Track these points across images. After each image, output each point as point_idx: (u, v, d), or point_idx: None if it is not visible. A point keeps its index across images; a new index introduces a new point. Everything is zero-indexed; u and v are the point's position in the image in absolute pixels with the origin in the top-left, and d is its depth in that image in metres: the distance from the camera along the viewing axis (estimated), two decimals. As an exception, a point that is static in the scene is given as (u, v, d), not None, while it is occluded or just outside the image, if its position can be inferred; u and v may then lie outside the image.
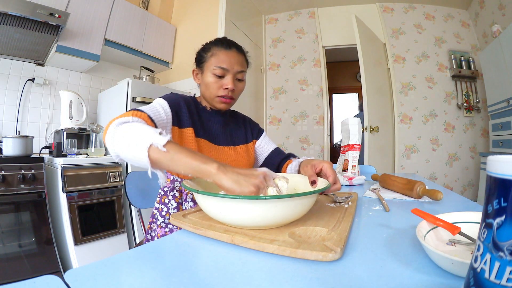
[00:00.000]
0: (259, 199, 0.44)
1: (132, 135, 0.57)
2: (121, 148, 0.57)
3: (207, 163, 0.52)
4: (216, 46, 0.87)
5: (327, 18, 3.25)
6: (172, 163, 0.54)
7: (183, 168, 0.54)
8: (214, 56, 0.86)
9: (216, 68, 0.84)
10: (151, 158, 0.54)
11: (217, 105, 0.88)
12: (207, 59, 0.87)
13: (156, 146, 0.54)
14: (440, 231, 0.43)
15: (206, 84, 0.87)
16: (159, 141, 0.54)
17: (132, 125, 0.59)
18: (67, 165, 1.62)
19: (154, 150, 0.54)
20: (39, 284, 0.31)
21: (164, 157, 0.54)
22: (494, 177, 0.19)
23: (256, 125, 1.09)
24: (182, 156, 0.54)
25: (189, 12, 2.79)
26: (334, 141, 4.77)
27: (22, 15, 1.55)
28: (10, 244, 1.42)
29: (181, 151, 0.55)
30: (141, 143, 0.54)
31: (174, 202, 0.85)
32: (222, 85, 0.85)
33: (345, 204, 0.66)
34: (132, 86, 1.98)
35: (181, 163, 0.54)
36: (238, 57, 0.87)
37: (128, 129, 0.58)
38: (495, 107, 2.40)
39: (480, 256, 0.20)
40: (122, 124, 0.60)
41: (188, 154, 0.54)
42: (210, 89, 0.86)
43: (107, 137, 0.60)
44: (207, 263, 0.39)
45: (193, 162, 0.53)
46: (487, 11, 2.70)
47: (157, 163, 0.55)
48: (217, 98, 0.87)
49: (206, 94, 0.89)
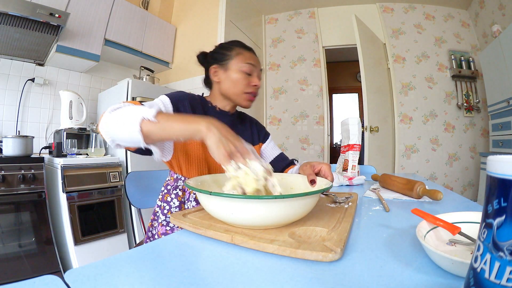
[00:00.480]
0: (262, 199, 0.44)
1: (123, 115, 0.59)
2: (115, 130, 0.59)
3: (196, 122, 0.54)
4: (237, 46, 0.89)
5: (327, 18, 3.25)
6: (164, 131, 0.56)
7: (174, 133, 0.56)
8: (240, 54, 0.87)
9: (245, 65, 0.86)
10: (144, 132, 0.56)
11: (243, 102, 0.89)
12: (232, 57, 0.87)
13: (147, 119, 0.55)
14: (440, 231, 0.43)
15: (234, 80, 0.86)
16: (149, 113, 0.55)
17: (124, 108, 0.61)
18: (67, 165, 1.62)
19: (146, 124, 0.56)
20: (39, 284, 0.30)
21: (155, 127, 0.55)
22: (494, 177, 0.19)
23: (262, 128, 1.09)
24: (172, 122, 0.56)
25: (189, 12, 2.79)
26: (334, 141, 4.77)
27: (22, 15, 1.55)
28: (10, 244, 1.42)
29: (171, 117, 0.57)
30: (132, 120, 0.56)
31: (177, 200, 0.85)
32: (250, 82, 0.87)
33: (345, 204, 0.66)
34: (132, 86, 1.98)
35: (172, 128, 0.55)
36: (256, 58, 0.91)
37: (120, 112, 0.60)
38: (495, 107, 2.40)
39: (480, 256, 0.20)
40: (114, 110, 0.62)
41: (177, 118, 0.56)
42: (238, 86, 0.86)
43: (101, 124, 0.62)
44: (207, 263, 0.39)
45: (182, 125, 0.55)
46: (487, 11, 2.70)
47: (150, 136, 0.57)
48: (245, 95, 0.87)
49: (230, 91, 0.87)
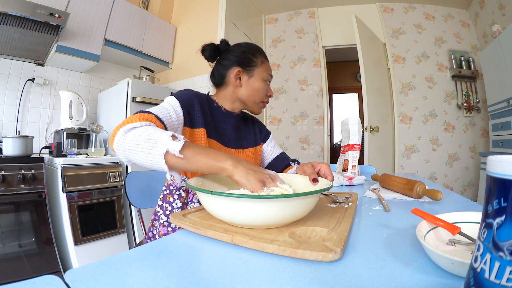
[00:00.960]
0: (263, 198, 0.44)
1: (145, 142, 0.56)
2: (135, 155, 0.57)
3: (222, 161, 0.55)
4: (261, 54, 0.92)
5: (327, 18, 3.25)
6: (189, 166, 0.56)
7: (200, 169, 0.56)
8: (264, 63, 0.91)
9: (268, 75, 0.91)
10: (169, 164, 0.55)
11: (257, 110, 0.94)
12: (258, 64, 0.90)
13: (173, 153, 0.54)
14: (440, 231, 0.43)
15: (256, 89, 0.89)
16: (175, 147, 0.54)
17: (142, 130, 0.58)
18: (67, 165, 1.62)
19: (171, 156, 0.55)
20: (39, 284, 0.30)
21: (181, 162, 0.55)
22: (494, 177, 0.19)
23: (263, 127, 1.09)
24: (198, 158, 0.56)
25: (189, 12, 2.79)
26: (334, 141, 4.77)
27: (22, 15, 1.55)
28: (10, 244, 1.42)
29: (197, 153, 0.56)
30: (156, 150, 0.55)
31: (179, 202, 0.84)
32: (268, 92, 0.93)
33: (345, 204, 0.66)
34: (132, 86, 1.98)
35: (199, 164, 0.56)
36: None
37: (139, 135, 0.58)
38: (495, 107, 2.40)
39: (480, 256, 0.20)
40: (130, 130, 0.59)
41: (203, 155, 0.56)
42: (259, 94, 0.90)
43: (116, 145, 0.59)
44: (207, 263, 0.39)
45: (209, 162, 0.55)
46: (487, 11, 2.70)
47: (174, 168, 0.57)
48: (261, 104, 0.93)
49: (250, 98, 0.90)
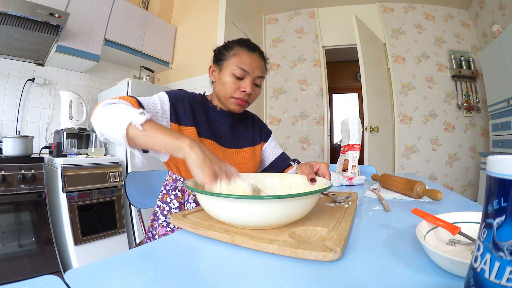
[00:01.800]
0: (261, 199, 0.44)
1: (114, 114, 0.59)
2: (104, 126, 0.60)
3: (180, 139, 0.54)
4: (240, 46, 0.84)
5: (327, 18, 3.25)
6: (148, 139, 0.56)
7: (157, 144, 0.56)
8: (237, 56, 0.83)
9: (236, 69, 0.81)
10: (129, 136, 0.56)
11: (230, 106, 0.85)
12: (228, 57, 0.84)
13: (134, 125, 0.55)
14: (440, 231, 0.43)
15: (223, 83, 0.83)
16: (137, 120, 0.56)
17: (117, 106, 0.62)
18: (67, 165, 1.62)
19: (133, 128, 0.56)
20: (39, 284, 0.30)
21: (140, 134, 0.56)
22: (494, 177, 0.19)
23: (264, 126, 1.06)
24: (157, 133, 0.56)
25: (189, 12, 2.79)
26: (334, 141, 4.77)
27: (22, 15, 1.55)
28: (10, 244, 1.42)
29: (157, 128, 0.56)
30: (121, 122, 0.56)
31: (176, 201, 0.84)
32: (240, 87, 0.82)
33: (345, 204, 0.66)
34: (132, 86, 1.98)
35: (156, 139, 0.55)
36: (260, 61, 0.85)
37: (113, 109, 0.61)
38: (495, 107, 2.40)
39: (480, 256, 0.20)
40: (109, 105, 0.63)
41: (163, 131, 0.56)
42: (226, 89, 0.83)
43: (93, 116, 0.63)
44: (207, 263, 0.39)
45: (167, 138, 0.54)
46: (487, 11, 2.70)
47: (134, 141, 0.57)
48: (232, 99, 0.83)
49: (220, 93, 0.85)
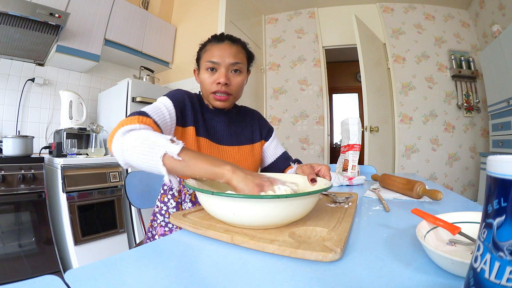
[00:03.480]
0: (262, 198, 0.44)
1: (143, 145, 0.57)
2: (132, 157, 0.58)
3: (220, 166, 0.54)
4: (210, 42, 0.86)
5: (327, 18, 3.25)
6: (187, 169, 0.56)
7: (198, 173, 0.56)
8: (207, 51, 0.84)
9: (207, 63, 0.82)
10: (167, 167, 0.55)
11: (213, 102, 0.84)
12: (201, 56, 0.86)
13: (171, 156, 0.55)
14: (440, 231, 0.43)
15: (202, 81, 0.85)
16: (173, 150, 0.55)
17: (140, 133, 0.59)
18: (67, 165, 1.62)
19: (169, 159, 0.55)
20: (39, 284, 0.30)
21: (179, 164, 0.55)
22: (494, 177, 0.19)
23: (266, 123, 1.04)
24: (197, 162, 0.55)
25: (189, 12, 2.79)
26: (334, 141, 4.77)
27: (22, 15, 1.55)
28: (10, 244, 1.42)
29: (195, 157, 0.56)
30: (154, 152, 0.55)
31: (173, 201, 0.85)
32: (215, 80, 0.82)
33: (345, 204, 0.66)
34: (132, 86, 1.98)
35: (196, 168, 0.55)
36: (231, 48, 0.83)
37: (137, 137, 0.58)
38: (495, 107, 2.40)
39: (480, 256, 0.20)
40: (129, 132, 0.60)
41: (201, 159, 0.56)
42: (204, 86, 0.84)
43: (115, 146, 0.60)
44: (207, 263, 0.39)
45: (207, 167, 0.55)
46: (487, 11, 2.70)
47: (172, 171, 0.56)
48: (212, 95, 0.83)
49: (203, 92, 0.88)
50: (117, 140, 0.59)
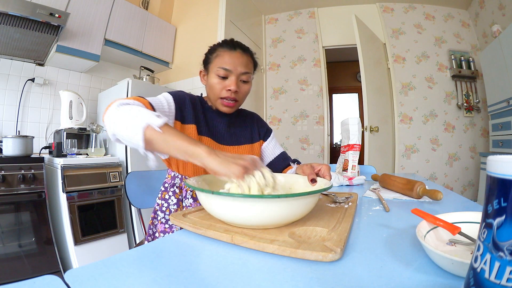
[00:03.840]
0: (262, 198, 0.44)
1: (131, 116, 0.59)
2: (119, 128, 0.59)
3: (198, 146, 0.54)
4: (221, 47, 0.87)
5: (327, 18, 3.25)
6: (165, 144, 0.56)
7: (174, 149, 0.56)
8: (218, 57, 0.86)
9: (219, 69, 0.83)
10: (146, 138, 0.56)
11: (220, 107, 0.87)
12: (211, 60, 0.87)
13: (152, 127, 0.56)
14: (440, 231, 0.43)
15: (210, 85, 0.87)
16: (156, 122, 0.56)
17: (132, 107, 0.62)
18: (67, 165, 1.62)
19: (150, 130, 0.56)
20: (39, 284, 0.30)
21: (158, 137, 0.56)
22: (494, 177, 0.19)
23: (264, 124, 1.07)
24: (175, 138, 0.56)
25: (189, 12, 2.79)
26: (334, 141, 4.77)
27: (22, 15, 1.55)
28: (10, 244, 1.42)
29: (175, 134, 0.56)
30: (138, 123, 0.56)
31: (174, 198, 0.86)
32: (225, 87, 0.84)
33: (345, 204, 0.66)
34: (132, 86, 1.98)
35: (173, 144, 0.55)
36: (243, 58, 0.86)
37: (128, 110, 0.61)
38: (495, 107, 2.40)
39: (480, 256, 0.20)
40: (123, 105, 0.63)
41: (180, 136, 0.56)
42: (213, 90, 0.86)
43: (107, 116, 0.62)
44: (207, 263, 0.39)
45: (184, 144, 0.55)
46: (487, 11, 2.70)
47: (151, 143, 0.57)
48: (220, 100, 0.86)
49: (210, 95, 0.89)
50: (110, 111, 0.62)
